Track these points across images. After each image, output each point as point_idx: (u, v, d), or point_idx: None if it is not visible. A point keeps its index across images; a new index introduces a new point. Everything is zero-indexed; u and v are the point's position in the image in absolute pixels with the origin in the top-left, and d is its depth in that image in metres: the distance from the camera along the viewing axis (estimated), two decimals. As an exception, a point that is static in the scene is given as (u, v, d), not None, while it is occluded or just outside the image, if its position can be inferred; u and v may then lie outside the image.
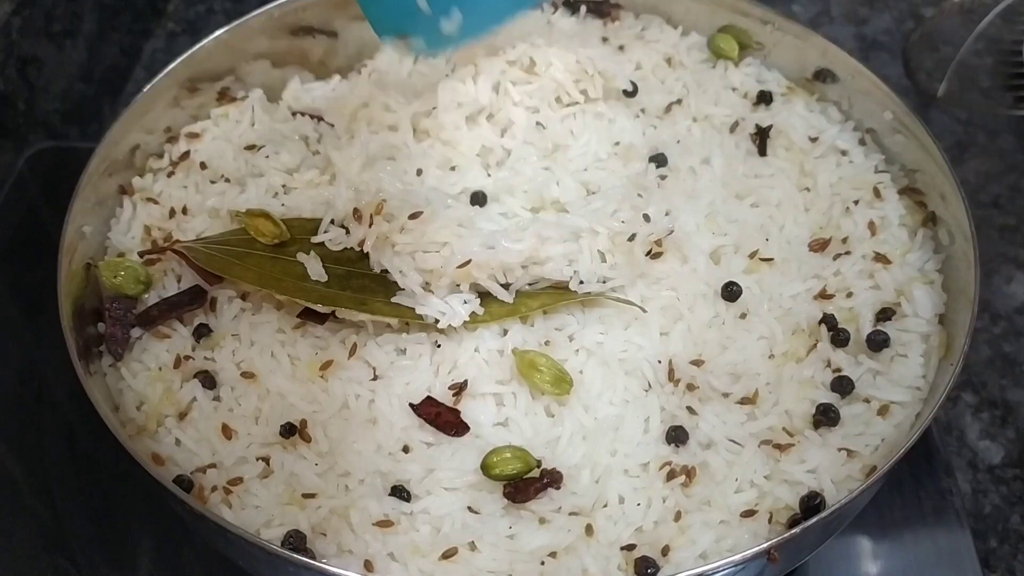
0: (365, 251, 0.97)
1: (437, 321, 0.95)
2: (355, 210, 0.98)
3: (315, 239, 1.01)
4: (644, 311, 0.98)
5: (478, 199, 1.07)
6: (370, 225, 0.96)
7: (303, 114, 1.19)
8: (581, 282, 0.97)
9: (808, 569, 1.06)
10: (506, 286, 0.97)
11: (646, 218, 0.99)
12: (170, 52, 1.56)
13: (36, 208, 1.35)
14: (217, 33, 1.16)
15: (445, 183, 1.08)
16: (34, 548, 1.07)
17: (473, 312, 0.96)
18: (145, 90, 1.11)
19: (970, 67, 1.44)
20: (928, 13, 1.57)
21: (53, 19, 1.40)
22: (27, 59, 1.36)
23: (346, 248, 1.00)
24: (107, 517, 1.10)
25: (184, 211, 1.09)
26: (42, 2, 1.36)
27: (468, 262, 0.93)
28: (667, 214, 1.01)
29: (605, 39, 1.23)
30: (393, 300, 0.96)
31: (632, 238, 0.98)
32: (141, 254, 1.04)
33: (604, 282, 0.98)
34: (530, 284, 0.98)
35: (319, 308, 0.97)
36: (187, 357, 0.98)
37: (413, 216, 0.95)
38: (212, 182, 1.12)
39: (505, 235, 0.96)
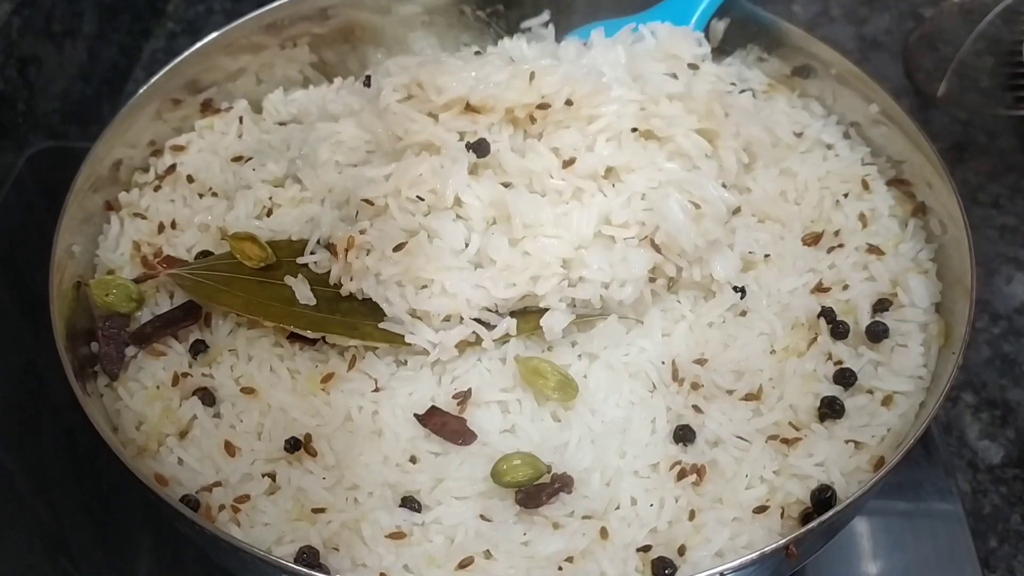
0: (344, 295, 0.96)
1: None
2: (330, 245, 0.97)
3: (300, 260, 0.99)
4: (640, 323, 0.98)
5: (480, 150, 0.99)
6: (345, 261, 0.95)
7: (285, 124, 1.17)
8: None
9: (807, 569, 1.06)
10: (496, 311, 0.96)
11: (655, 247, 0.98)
12: (170, 52, 1.54)
13: (36, 208, 1.33)
14: (198, 45, 1.14)
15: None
16: (34, 548, 1.06)
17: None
18: (130, 102, 1.09)
19: (970, 67, 1.44)
20: (928, 13, 1.56)
21: (53, 19, 1.38)
22: (27, 59, 1.34)
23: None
24: (107, 517, 1.08)
25: (173, 225, 1.07)
26: (42, 2, 1.35)
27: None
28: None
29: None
30: (381, 326, 0.95)
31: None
32: (135, 280, 1.01)
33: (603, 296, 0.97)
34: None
35: (308, 335, 0.96)
36: (185, 374, 0.96)
37: (397, 248, 0.94)
38: (200, 195, 1.10)
39: (496, 273, 0.94)
